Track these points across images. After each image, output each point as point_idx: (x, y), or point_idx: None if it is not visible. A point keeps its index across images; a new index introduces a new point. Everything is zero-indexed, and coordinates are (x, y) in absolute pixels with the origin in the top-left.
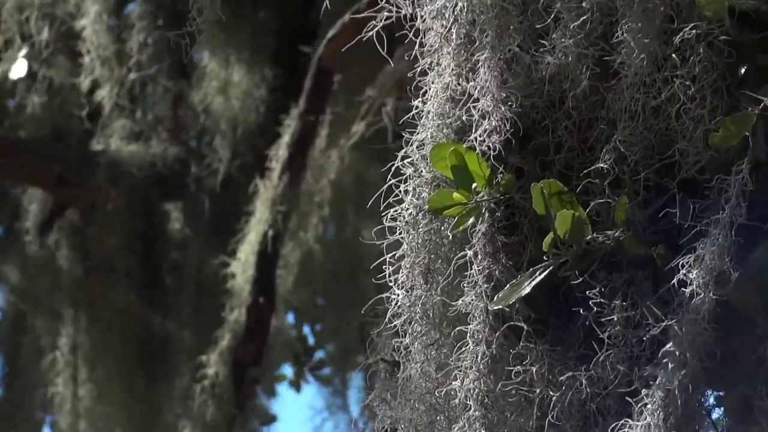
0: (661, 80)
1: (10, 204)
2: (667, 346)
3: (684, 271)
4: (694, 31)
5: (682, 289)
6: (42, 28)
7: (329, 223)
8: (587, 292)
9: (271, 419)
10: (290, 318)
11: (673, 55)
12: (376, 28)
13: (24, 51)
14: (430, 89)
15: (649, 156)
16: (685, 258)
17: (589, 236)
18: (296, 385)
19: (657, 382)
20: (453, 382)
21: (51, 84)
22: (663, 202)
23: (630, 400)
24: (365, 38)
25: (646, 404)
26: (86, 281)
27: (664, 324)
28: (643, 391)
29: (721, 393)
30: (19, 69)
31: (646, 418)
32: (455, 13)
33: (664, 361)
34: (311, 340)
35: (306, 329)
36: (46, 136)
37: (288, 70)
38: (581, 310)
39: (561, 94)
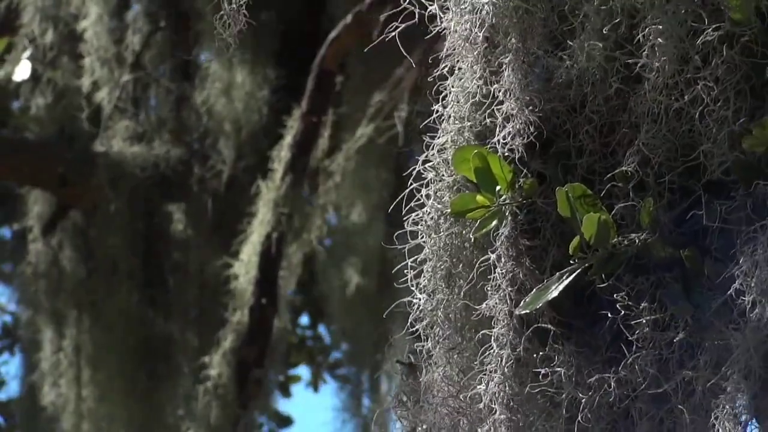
0: (684, 82)
1: (13, 205)
2: (734, 355)
3: (740, 280)
4: (716, 33)
5: (741, 298)
6: (45, 30)
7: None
8: (614, 295)
9: (287, 421)
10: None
11: (696, 57)
12: (398, 30)
13: (28, 53)
14: (450, 93)
15: (672, 158)
16: (740, 266)
17: (615, 239)
18: (314, 385)
19: (726, 394)
20: (477, 386)
21: (55, 86)
22: (688, 204)
23: (670, 406)
24: (374, 40)
25: (717, 416)
26: (89, 282)
27: (732, 337)
28: (713, 402)
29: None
30: (22, 71)
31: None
32: (479, 16)
33: (730, 372)
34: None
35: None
36: (50, 137)
37: (291, 71)
38: (608, 314)
39: (582, 99)
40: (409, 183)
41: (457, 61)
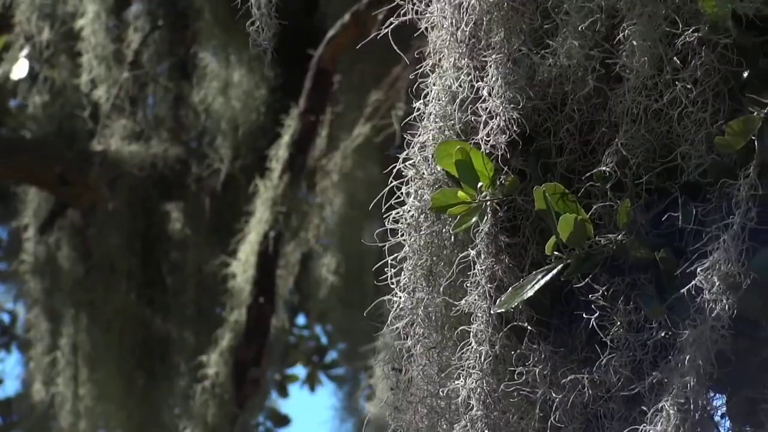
0: (663, 83)
1: (10, 203)
2: (686, 352)
3: (700, 277)
4: (696, 35)
5: (701, 295)
6: (43, 29)
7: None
8: (590, 296)
9: (285, 420)
10: (301, 319)
11: (675, 59)
12: (389, 28)
13: (25, 51)
14: (431, 91)
15: (651, 159)
16: (699, 264)
17: (592, 239)
18: (310, 385)
19: (673, 388)
20: (456, 382)
21: (53, 84)
22: (665, 205)
23: (644, 407)
24: (369, 38)
25: (660, 409)
26: (87, 281)
27: (684, 332)
28: (661, 397)
29: (725, 396)
30: (20, 69)
31: (661, 425)
32: (463, 13)
33: (680, 367)
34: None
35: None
36: (48, 136)
37: (288, 70)
38: (583, 314)
39: (563, 97)
40: (389, 181)
41: (439, 58)
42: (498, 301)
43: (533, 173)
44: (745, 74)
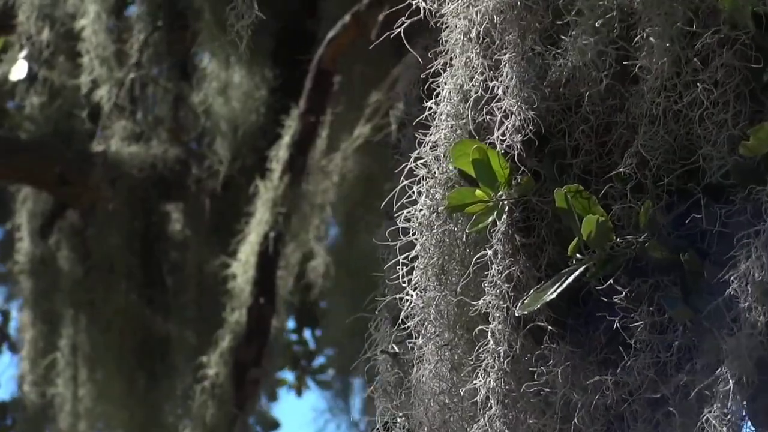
0: (683, 84)
1: (7, 204)
2: (727, 361)
3: (735, 286)
4: (716, 36)
5: (737, 304)
6: (42, 29)
7: (332, 225)
8: (613, 297)
9: (274, 424)
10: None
11: (695, 59)
12: (401, 28)
13: (24, 52)
14: (443, 90)
15: (671, 161)
16: (733, 272)
17: (613, 241)
18: (298, 390)
19: (719, 397)
20: (473, 381)
21: (51, 85)
22: (686, 207)
23: (670, 408)
24: (372, 39)
25: (707, 419)
26: (86, 282)
27: (725, 342)
28: (707, 409)
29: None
30: (19, 70)
31: None
32: (477, 11)
33: (724, 375)
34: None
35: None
36: (47, 137)
37: (288, 71)
38: (606, 315)
39: (577, 98)
40: (400, 180)
41: (451, 57)
42: (520, 303)
43: (548, 174)
44: (766, 76)
